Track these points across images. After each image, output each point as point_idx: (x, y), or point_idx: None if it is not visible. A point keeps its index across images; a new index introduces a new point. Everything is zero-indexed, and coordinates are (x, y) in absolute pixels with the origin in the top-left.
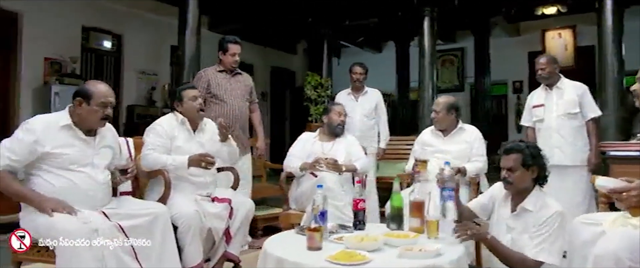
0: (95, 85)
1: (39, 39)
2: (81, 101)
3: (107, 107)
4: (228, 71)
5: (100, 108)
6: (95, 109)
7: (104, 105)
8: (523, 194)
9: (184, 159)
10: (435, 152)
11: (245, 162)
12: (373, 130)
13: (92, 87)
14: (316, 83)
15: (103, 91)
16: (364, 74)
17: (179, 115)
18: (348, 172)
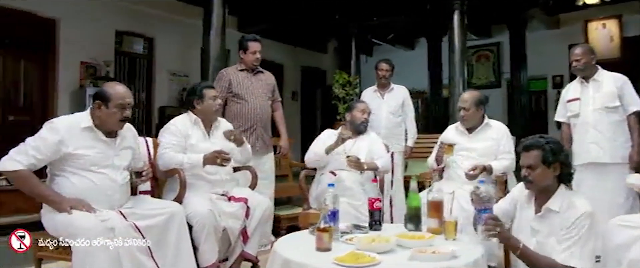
0: (113, 87)
1: (75, 44)
2: (100, 104)
3: (126, 109)
4: (249, 70)
5: (119, 110)
6: (114, 111)
7: (122, 107)
8: (547, 194)
9: (199, 157)
10: (460, 150)
11: (267, 161)
12: (400, 128)
13: (110, 89)
14: (344, 81)
15: (120, 93)
16: (390, 71)
17: (193, 115)
18: (370, 171)
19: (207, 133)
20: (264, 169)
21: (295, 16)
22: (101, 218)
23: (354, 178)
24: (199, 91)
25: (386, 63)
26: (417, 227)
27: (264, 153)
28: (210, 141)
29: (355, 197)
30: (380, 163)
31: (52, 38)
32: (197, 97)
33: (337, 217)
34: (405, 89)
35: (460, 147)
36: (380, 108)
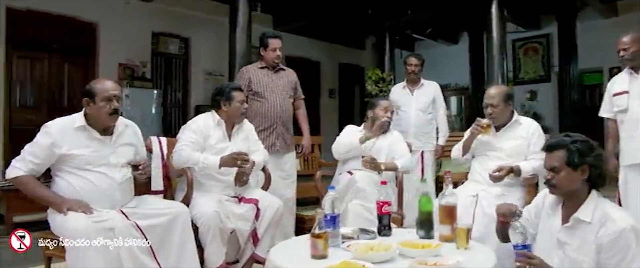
0: (99, 82)
1: (114, 46)
2: (88, 101)
3: (112, 101)
4: (270, 67)
5: (106, 103)
6: (101, 105)
7: (108, 99)
8: (576, 201)
9: (215, 159)
10: (486, 150)
11: (288, 160)
12: (430, 126)
13: (96, 84)
14: (377, 78)
15: (105, 86)
16: (419, 66)
17: (216, 115)
18: (389, 171)
19: (228, 135)
20: (284, 168)
21: (331, 13)
22: (99, 219)
23: (368, 179)
24: (228, 92)
25: (415, 58)
26: (428, 233)
27: (284, 152)
28: (231, 142)
29: (369, 199)
30: (400, 163)
31: (93, 41)
32: (224, 98)
33: (338, 222)
34: (436, 84)
35: (486, 147)
36: (409, 105)
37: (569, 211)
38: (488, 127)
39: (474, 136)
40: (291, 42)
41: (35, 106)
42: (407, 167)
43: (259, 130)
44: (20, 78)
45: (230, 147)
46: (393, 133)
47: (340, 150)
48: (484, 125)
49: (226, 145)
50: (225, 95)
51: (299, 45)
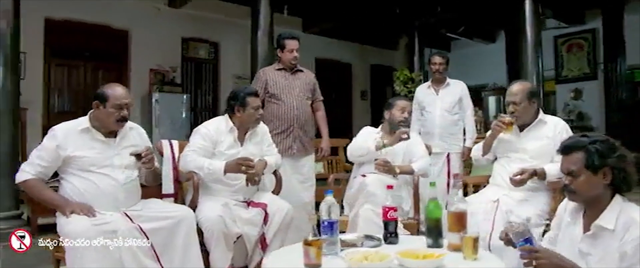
0: (112, 87)
1: (145, 52)
2: (98, 104)
3: (123, 109)
4: (288, 69)
5: (116, 110)
6: (111, 111)
7: (119, 107)
8: (598, 207)
9: (220, 165)
10: (509, 151)
11: (305, 163)
12: (456, 127)
13: (109, 89)
14: (406, 78)
15: (118, 94)
16: (444, 64)
17: (230, 121)
18: (405, 175)
19: (240, 140)
20: (302, 172)
21: (359, 13)
22: (100, 221)
23: (380, 183)
24: (242, 98)
25: (439, 56)
26: (437, 242)
27: (302, 155)
28: (242, 148)
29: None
30: (417, 167)
31: (125, 48)
32: (239, 104)
33: (335, 229)
34: (462, 84)
35: (509, 148)
36: (434, 105)
37: (591, 219)
38: (510, 124)
39: (495, 135)
40: (321, 44)
41: (71, 111)
42: (424, 170)
43: (275, 132)
44: (57, 85)
45: (242, 152)
46: (411, 135)
47: (354, 154)
48: (506, 122)
49: (237, 151)
50: (239, 101)
51: (329, 47)
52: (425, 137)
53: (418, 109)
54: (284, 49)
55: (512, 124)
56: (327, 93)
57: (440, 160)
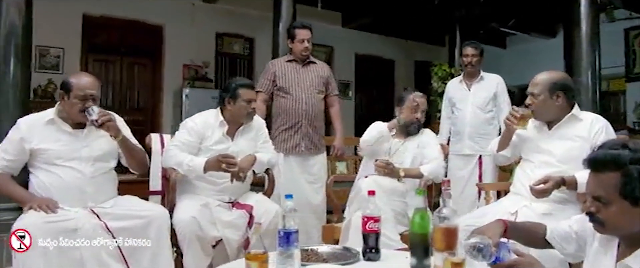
0: (78, 77)
1: (178, 48)
2: (63, 94)
3: (87, 100)
4: (299, 61)
5: (80, 101)
6: (74, 102)
7: (84, 98)
8: (635, 241)
9: (201, 162)
10: (533, 151)
11: (315, 162)
12: (489, 126)
13: (73, 78)
14: (444, 74)
15: (82, 84)
16: (476, 56)
17: (220, 115)
18: (412, 179)
19: (230, 136)
20: (312, 172)
21: (401, 7)
22: (59, 219)
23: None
24: (233, 89)
25: (472, 47)
26: (422, 263)
27: (312, 154)
28: (233, 143)
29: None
30: (427, 170)
31: (159, 43)
32: (229, 96)
33: (293, 240)
34: (499, 78)
35: (532, 149)
36: (465, 101)
37: (626, 252)
38: (523, 118)
39: (510, 130)
40: (361, 39)
41: (109, 106)
42: (436, 174)
43: (283, 128)
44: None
45: (231, 148)
46: (424, 133)
47: (368, 141)
48: (517, 116)
49: (227, 146)
50: (230, 92)
51: (370, 43)
52: (455, 137)
53: (448, 106)
54: (295, 39)
55: (526, 118)
56: (367, 90)
57: (471, 164)
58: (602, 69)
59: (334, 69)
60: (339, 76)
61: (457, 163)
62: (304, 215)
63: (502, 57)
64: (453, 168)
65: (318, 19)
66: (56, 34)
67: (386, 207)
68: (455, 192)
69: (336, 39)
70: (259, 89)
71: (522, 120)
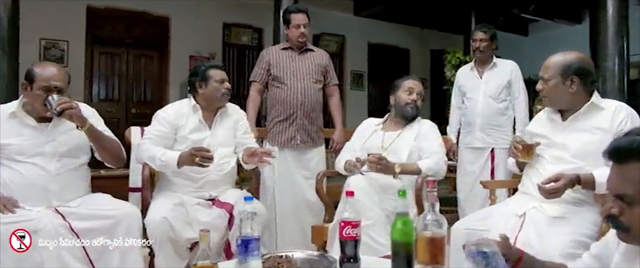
0: (43, 66)
1: (185, 39)
2: (26, 85)
3: (52, 92)
4: (295, 48)
5: (43, 92)
6: (37, 93)
7: (47, 90)
8: None
9: (174, 156)
10: (545, 145)
11: (313, 157)
12: (503, 117)
13: (38, 68)
14: (458, 62)
15: (46, 74)
16: (486, 41)
17: (193, 100)
18: (408, 175)
19: (207, 123)
20: (308, 167)
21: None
22: (16, 219)
23: (366, 187)
24: (203, 72)
25: (482, 31)
26: None
27: (308, 147)
28: (211, 132)
29: (366, 215)
30: (425, 165)
31: (165, 34)
32: (199, 79)
33: (252, 248)
34: (513, 64)
35: (547, 142)
36: (476, 90)
37: None
38: (528, 150)
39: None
40: (374, 28)
41: (113, 99)
42: (435, 170)
43: (277, 120)
44: (101, 72)
45: (209, 138)
46: (421, 122)
47: (339, 168)
48: (520, 148)
49: (204, 136)
50: (200, 75)
51: (384, 31)
52: (465, 128)
53: (458, 95)
54: (290, 24)
55: (532, 149)
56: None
57: (482, 157)
58: (632, 55)
59: (346, 59)
60: (351, 66)
61: (468, 157)
62: (300, 213)
63: (523, 45)
64: (463, 162)
65: (329, 7)
66: (60, 26)
67: (376, 207)
68: (464, 188)
69: (348, 28)
70: (253, 78)
71: (526, 151)
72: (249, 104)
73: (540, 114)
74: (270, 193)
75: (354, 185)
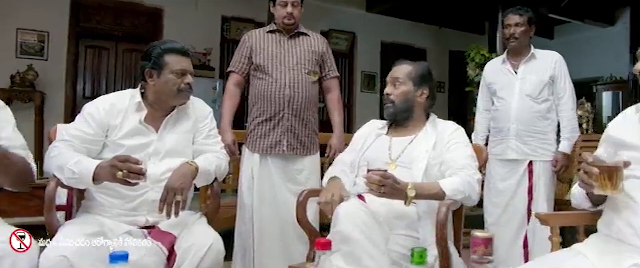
0: None
1: (179, 32)
2: None
3: None
4: (283, 31)
5: None
6: None
7: None
8: None
9: (90, 166)
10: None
11: (303, 167)
12: (545, 122)
13: None
14: (482, 59)
15: None
16: (522, 26)
17: (138, 95)
18: (425, 199)
19: (154, 125)
20: (297, 180)
21: None
22: None
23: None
24: (157, 55)
25: (517, 14)
26: None
27: (297, 155)
28: (157, 137)
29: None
30: (451, 186)
31: (158, 28)
32: (151, 65)
33: None
34: (556, 55)
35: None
36: (510, 88)
37: None
38: (609, 175)
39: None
40: (388, 26)
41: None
42: (465, 193)
43: (259, 121)
44: (87, 68)
45: (155, 144)
46: (439, 125)
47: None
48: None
49: (148, 140)
50: (152, 60)
51: (399, 30)
52: (496, 136)
53: (487, 95)
54: (276, 2)
55: (618, 173)
56: None
57: (518, 173)
58: None
59: (357, 58)
60: (362, 66)
61: (499, 172)
62: (285, 238)
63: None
64: (493, 177)
65: (338, 2)
66: (40, 16)
67: (377, 251)
68: (494, 211)
69: (359, 25)
70: (231, 68)
71: (609, 178)
72: (224, 100)
73: (629, 111)
74: (248, 211)
75: (345, 216)
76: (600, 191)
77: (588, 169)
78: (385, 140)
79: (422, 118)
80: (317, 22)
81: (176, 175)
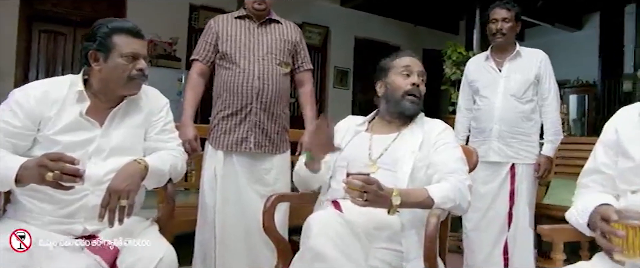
0: None
1: (143, 19)
2: None
3: None
4: (254, 18)
5: None
6: None
7: None
8: None
9: (14, 164)
10: None
11: (272, 167)
12: (529, 123)
13: None
14: (459, 58)
15: None
16: (511, 21)
17: (80, 82)
18: (412, 208)
19: (98, 118)
20: (265, 181)
21: None
22: None
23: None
24: (104, 35)
25: (504, 8)
26: None
27: (266, 154)
28: (100, 132)
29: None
30: (440, 193)
31: (121, 13)
32: (96, 46)
33: None
34: (541, 54)
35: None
36: (494, 87)
37: None
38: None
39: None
40: (363, 21)
41: None
42: (456, 201)
43: (223, 115)
44: (41, 55)
45: (98, 141)
46: (426, 121)
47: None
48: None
49: (90, 136)
50: (98, 40)
51: (373, 26)
52: (477, 137)
53: (469, 94)
54: None
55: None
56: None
57: (500, 175)
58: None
59: (330, 53)
60: (335, 62)
61: (480, 175)
62: (251, 244)
63: None
64: (474, 181)
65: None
66: None
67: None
68: (474, 216)
69: (333, 19)
70: (195, 56)
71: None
72: (186, 90)
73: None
74: (210, 213)
75: (318, 229)
76: (624, 256)
77: (610, 229)
78: (365, 138)
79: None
80: (290, 14)
81: (121, 175)
